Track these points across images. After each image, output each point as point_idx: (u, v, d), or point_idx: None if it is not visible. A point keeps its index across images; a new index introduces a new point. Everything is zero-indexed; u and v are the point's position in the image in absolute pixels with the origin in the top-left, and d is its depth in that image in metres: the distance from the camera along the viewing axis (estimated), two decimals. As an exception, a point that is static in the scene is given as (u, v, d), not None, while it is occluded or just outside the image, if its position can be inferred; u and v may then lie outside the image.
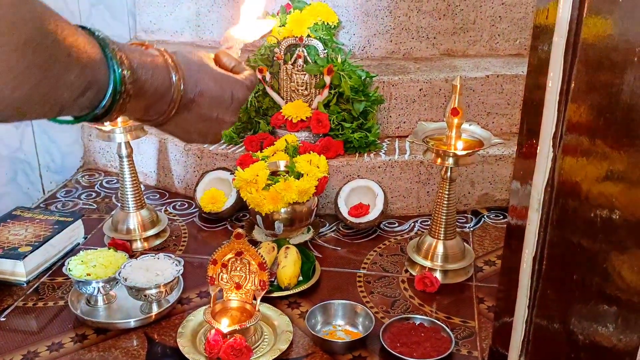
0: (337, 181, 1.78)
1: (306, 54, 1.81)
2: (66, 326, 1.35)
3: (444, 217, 1.48)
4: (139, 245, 1.66)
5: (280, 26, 1.84)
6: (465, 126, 1.45)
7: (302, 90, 1.84)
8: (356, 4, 2.01)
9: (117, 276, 1.36)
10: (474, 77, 1.88)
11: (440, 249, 1.50)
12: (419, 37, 2.07)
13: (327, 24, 1.85)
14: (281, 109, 1.83)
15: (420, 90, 1.89)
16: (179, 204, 1.92)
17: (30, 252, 1.50)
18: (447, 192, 1.46)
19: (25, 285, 1.49)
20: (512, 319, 1.01)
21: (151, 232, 1.68)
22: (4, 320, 1.37)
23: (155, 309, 1.36)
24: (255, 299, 1.27)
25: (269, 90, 1.85)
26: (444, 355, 1.22)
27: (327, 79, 1.79)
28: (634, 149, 0.75)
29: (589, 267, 0.85)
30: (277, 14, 1.87)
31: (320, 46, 1.80)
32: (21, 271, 1.48)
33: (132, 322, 1.33)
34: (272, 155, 1.72)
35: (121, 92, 0.57)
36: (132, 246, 1.63)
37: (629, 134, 0.76)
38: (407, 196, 1.82)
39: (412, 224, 1.78)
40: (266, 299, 1.37)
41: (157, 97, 0.64)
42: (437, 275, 1.48)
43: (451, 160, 1.41)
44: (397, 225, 1.78)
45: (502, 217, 1.81)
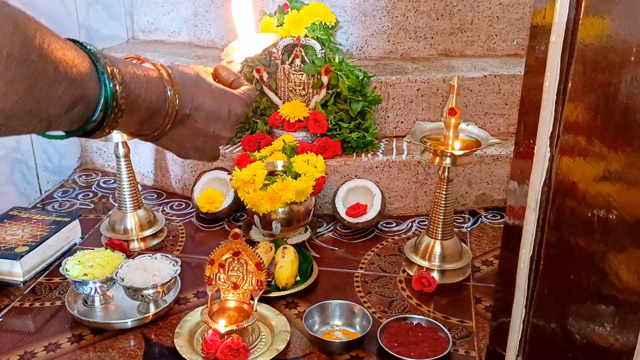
0: (335, 181, 1.78)
1: (304, 53, 1.81)
2: (63, 326, 1.35)
3: (442, 217, 1.48)
4: (136, 245, 1.66)
5: (277, 26, 1.84)
6: (462, 126, 1.45)
7: (299, 90, 1.84)
8: (354, 4, 2.01)
9: (114, 276, 1.35)
10: (471, 77, 1.89)
11: (437, 249, 1.50)
12: (417, 37, 2.07)
13: (325, 24, 1.85)
14: (279, 108, 1.83)
15: (417, 90, 1.89)
16: (176, 204, 1.92)
17: (27, 252, 1.50)
18: (444, 192, 1.46)
19: (22, 285, 1.49)
20: (510, 319, 1.01)
21: (148, 232, 1.67)
22: (0, 320, 1.37)
23: (152, 309, 1.36)
24: (252, 299, 1.27)
25: (266, 90, 1.85)
26: (441, 355, 1.22)
27: (325, 79, 1.79)
28: (631, 148, 0.76)
29: (586, 267, 0.85)
30: (275, 14, 1.87)
31: (317, 46, 1.80)
32: (18, 271, 1.48)
33: (130, 323, 1.33)
34: (270, 155, 1.71)
35: (113, 107, 0.57)
36: (129, 246, 1.63)
37: (625, 134, 0.76)
38: (404, 196, 1.82)
39: (410, 224, 1.78)
40: (263, 299, 1.37)
41: (152, 111, 0.63)
42: (435, 275, 1.48)
43: (449, 160, 1.41)
44: (394, 225, 1.78)
45: (499, 217, 1.81)
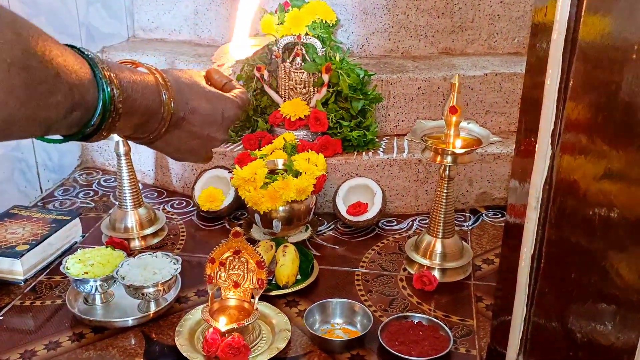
0: (336, 179, 1.77)
1: (304, 52, 1.81)
2: (64, 325, 1.35)
3: (443, 216, 1.48)
4: (137, 243, 1.66)
5: (278, 24, 1.83)
6: (463, 124, 1.45)
7: (300, 88, 1.83)
8: (354, 2, 2.00)
9: (114, 275, 1.35)
10: (472, 76, 1.88)
11: (438, 248, 1.50)
12: (418, 35, 2.06)
13: (326, 22, 1.85)
14: (279, 107, 1.83)
15: (418, 88, 1.88)
16: (177, 202, 1.92)
17: (27, 251, 1.50)
18: (445, 191, 1.46)
19: (22, 283, 1.49)
20: (511, 318, 1.01)
21: (149, 230, 1.67)
22: (1, 319, 1.37)
23: (153, 308, 1.36)
24: (253, 297, 1.26)
25: (267, 88, 1.84)
26: (442, 353, 1.22)
27: (326, 77, 1.79)
28: (633, 147, 0.75)
29: (587, 265, 0.85)
30: (276, 12, 1.87)
31: (318, 44, 1.80)
32: (18, 270, 1.48)
33: (130, 321, 1.33)
34: (271, 153, 1.71)
35: (110, 111, 0.58)
36: (129, 245, 1.63)
37: (627, 132, 0.76)
38: (405, 194, 1.82)
39: (411, 223, 1.78)
40: (264, 298, 1.37)
41: (148, 115, 0.64)
42: (436, 273, 1.48)
43: (449, 158, 1.41)
44: (395, 223, 1.78)
45: (500, 215, 1.81)
